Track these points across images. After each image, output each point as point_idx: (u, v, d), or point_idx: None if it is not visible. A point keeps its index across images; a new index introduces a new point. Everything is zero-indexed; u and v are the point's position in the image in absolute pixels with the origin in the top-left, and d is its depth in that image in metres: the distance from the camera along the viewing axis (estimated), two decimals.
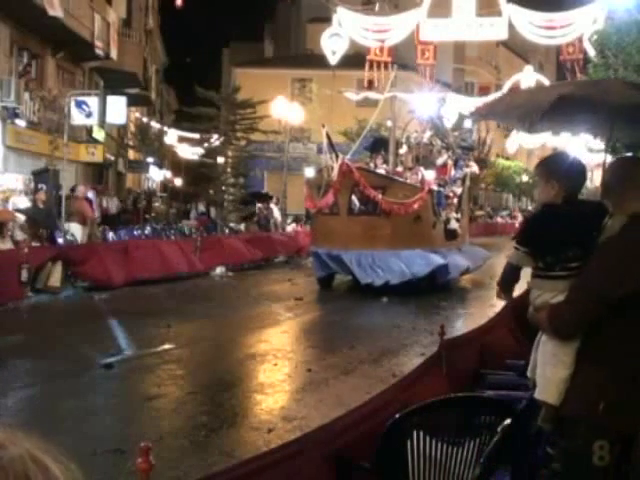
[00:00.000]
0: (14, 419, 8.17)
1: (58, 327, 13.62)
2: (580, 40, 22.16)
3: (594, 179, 28.34)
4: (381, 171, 21.94)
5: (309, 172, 36.08)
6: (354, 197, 19.65)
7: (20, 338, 12.64)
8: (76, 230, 21.40)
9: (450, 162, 23.89)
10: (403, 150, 25.17)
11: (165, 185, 46.23)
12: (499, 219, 61.55)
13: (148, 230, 27.39)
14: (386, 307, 16.26)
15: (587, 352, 3.88)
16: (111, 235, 24.45)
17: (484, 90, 53.93)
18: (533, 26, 22.20)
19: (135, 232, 26.45)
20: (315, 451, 3.92)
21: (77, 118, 26.62)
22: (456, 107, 29.88)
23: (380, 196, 18.88)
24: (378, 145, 24.71)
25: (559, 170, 4.28)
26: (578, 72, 22.54)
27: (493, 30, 23.23)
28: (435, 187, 21.48)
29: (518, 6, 22.42)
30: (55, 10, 23.88)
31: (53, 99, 26.79)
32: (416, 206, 19.19)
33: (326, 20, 26.09)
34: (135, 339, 12.68)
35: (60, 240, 20.41)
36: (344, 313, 16.18)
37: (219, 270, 23.31)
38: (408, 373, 5.73)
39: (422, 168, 22.63)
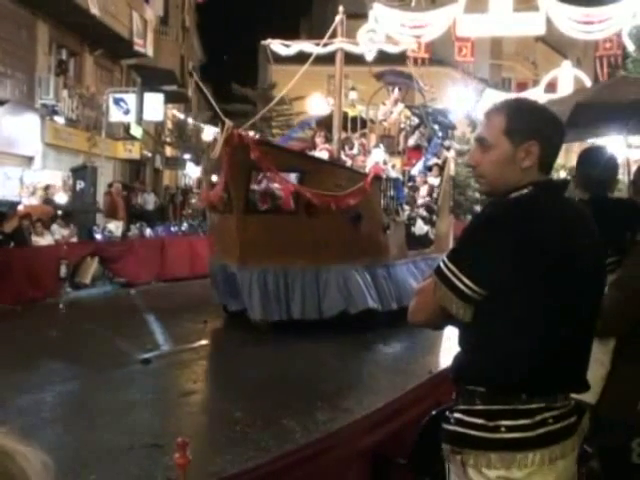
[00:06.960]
0: (52, 414, 8.26)
1: (96, 323, 13.72)
2: (619, 35, 21.93)
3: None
4: (323, 154, 15.91)
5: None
6: (263, 185, 13.63)
7: (58, 333, 12.75)
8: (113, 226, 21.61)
9: (424, 144, 18.62)
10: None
11: (201, 182, 46.36)
12: None
13: (185, 227, 27.48)
14: None
15: (624, 351, 3.85)
16: (148, 231, 24.56)
17: (521, 86, 53.46)
18: (571, 21, 21.95)
19: (172, 229, 26.55)
20: (350, 446, 3.92)
21: (115, 115, 26.91)
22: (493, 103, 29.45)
23: (293, 184, 13.03)
24: (328, 117, 18.03)
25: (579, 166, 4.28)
26: (615, 67, 22.33)
27: (530, 25, 23.02)
28: (393, 174, 16.03)
29: (556, 0, 22.18)
30: (94, 8, 24.09)
31: (91, 96, 27.01)
32: (353, 200, 13.39)
33: (362, 16, 26.01)
34: (172, 335, 12.77)
35: (98, 236, 20.59)
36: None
37: None
38: (443, 369, 5.71)
39: (378, 149, 16.98)
